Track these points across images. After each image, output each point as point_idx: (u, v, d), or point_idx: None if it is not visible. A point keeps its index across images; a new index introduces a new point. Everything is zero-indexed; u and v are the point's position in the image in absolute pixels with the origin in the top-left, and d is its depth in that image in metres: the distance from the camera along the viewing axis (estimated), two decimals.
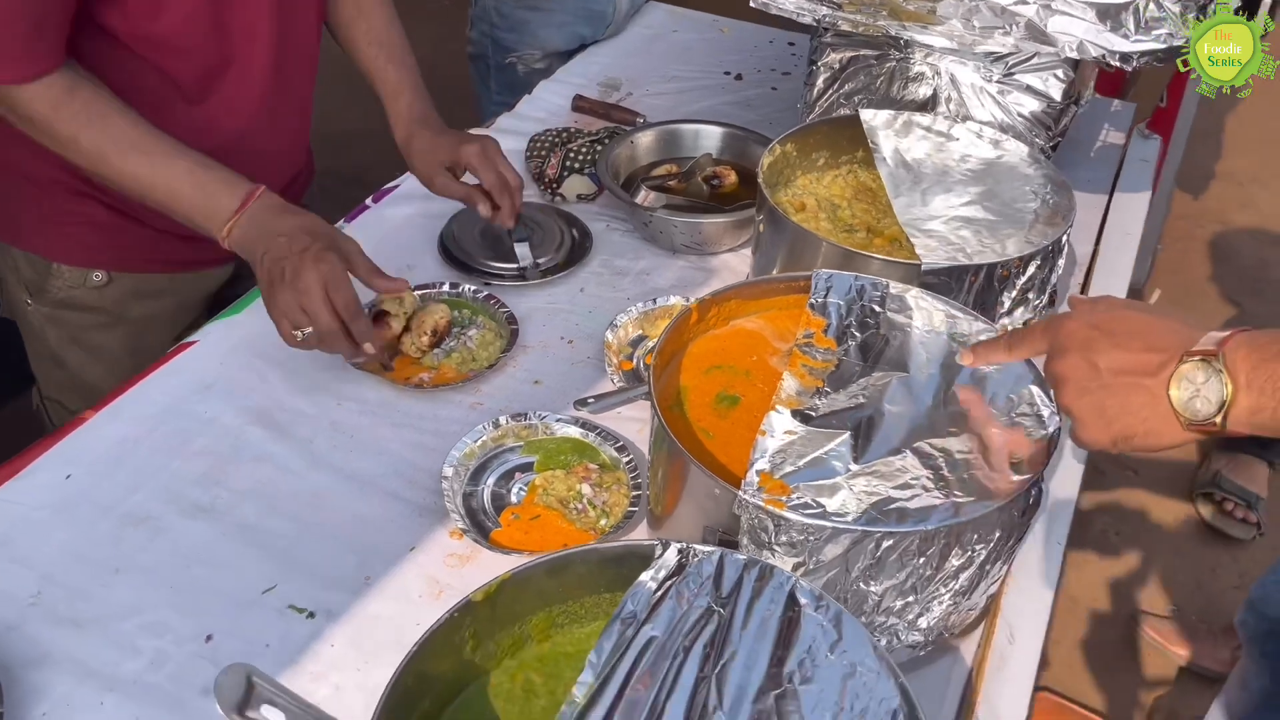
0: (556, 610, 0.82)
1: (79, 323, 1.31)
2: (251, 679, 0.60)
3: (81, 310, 1.30)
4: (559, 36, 1.94)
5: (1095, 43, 1.17)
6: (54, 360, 1.34)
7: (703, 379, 1.03)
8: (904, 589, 0.84)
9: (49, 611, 0.94)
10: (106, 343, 1.31)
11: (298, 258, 1.07)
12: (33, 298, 1.31)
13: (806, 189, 1.36)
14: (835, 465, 0.86)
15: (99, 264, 1.29)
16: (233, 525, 1.03)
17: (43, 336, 1.33)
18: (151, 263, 1.32)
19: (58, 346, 1.33)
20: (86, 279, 1.29)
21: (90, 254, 1.29)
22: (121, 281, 1.30)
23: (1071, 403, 0.78)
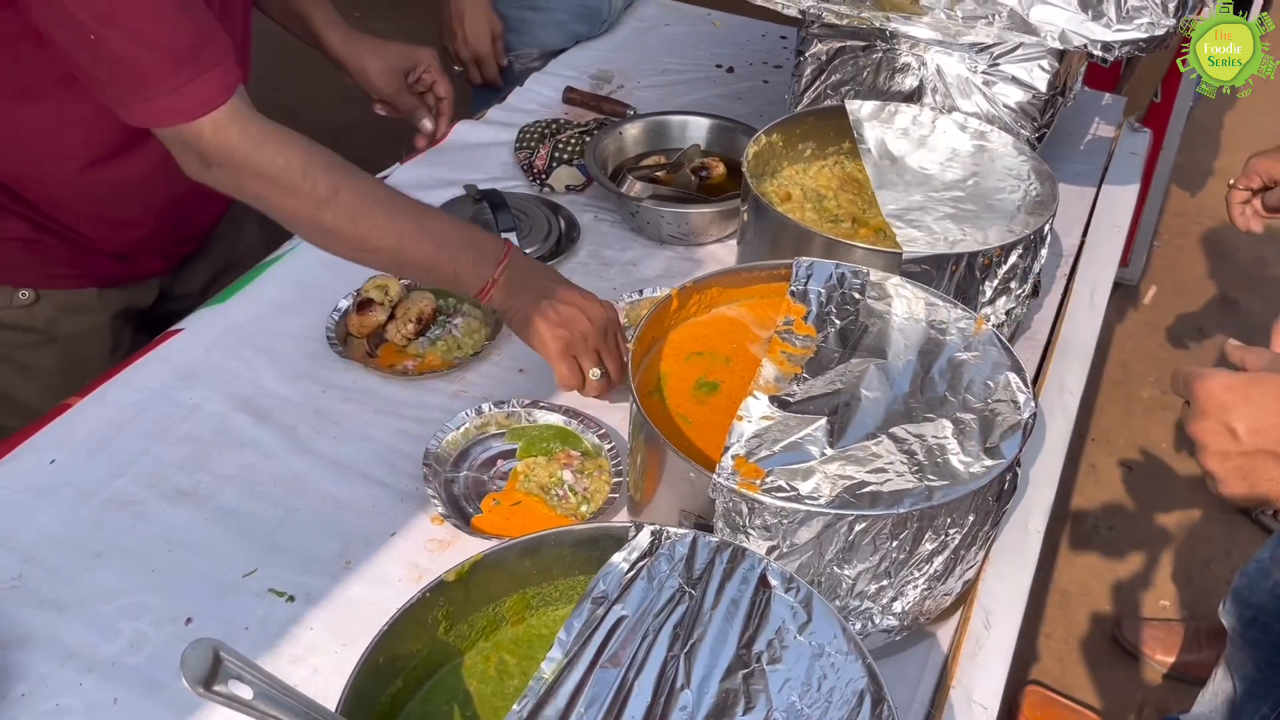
0: (530, 592, 0.82)
1: (8, 342, 1.26)
2: (219, 654, 0.61)
3: (10, 329, 1.25)
4: (557, 35, 1.94)
5: (1077, 32, 1.17)
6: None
7: (683, 366, 1.03)
8: (878, 572, 0.84)
9: (30, 593, 0.95)
10: (38, 361, 1.26)
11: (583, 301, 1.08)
12: None
13: (792, 179, 1.36)
14: (811, 450, 0.87)
15: (24, 282, 1.23)
16: (215, 510, 1.04)
17: None
18: (80, 279, 1.27)
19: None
20: (13, 298, 1.23)
21: (14, 272, 1.23)
22: (50, 299, 1.25)
23: (1215, 466, 0.78)
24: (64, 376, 1.25)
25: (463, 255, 1.07)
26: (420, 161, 1.58)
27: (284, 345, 1.23)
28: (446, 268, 1.07)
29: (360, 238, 1.04)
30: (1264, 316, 3.05)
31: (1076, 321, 1.30)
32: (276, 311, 1.28)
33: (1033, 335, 1.30)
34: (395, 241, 1.05)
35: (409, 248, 1.05)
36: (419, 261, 1.07)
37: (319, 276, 1.33)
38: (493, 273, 1.07)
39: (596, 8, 1.94)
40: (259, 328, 1.26)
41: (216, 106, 0.97)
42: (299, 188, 1.00)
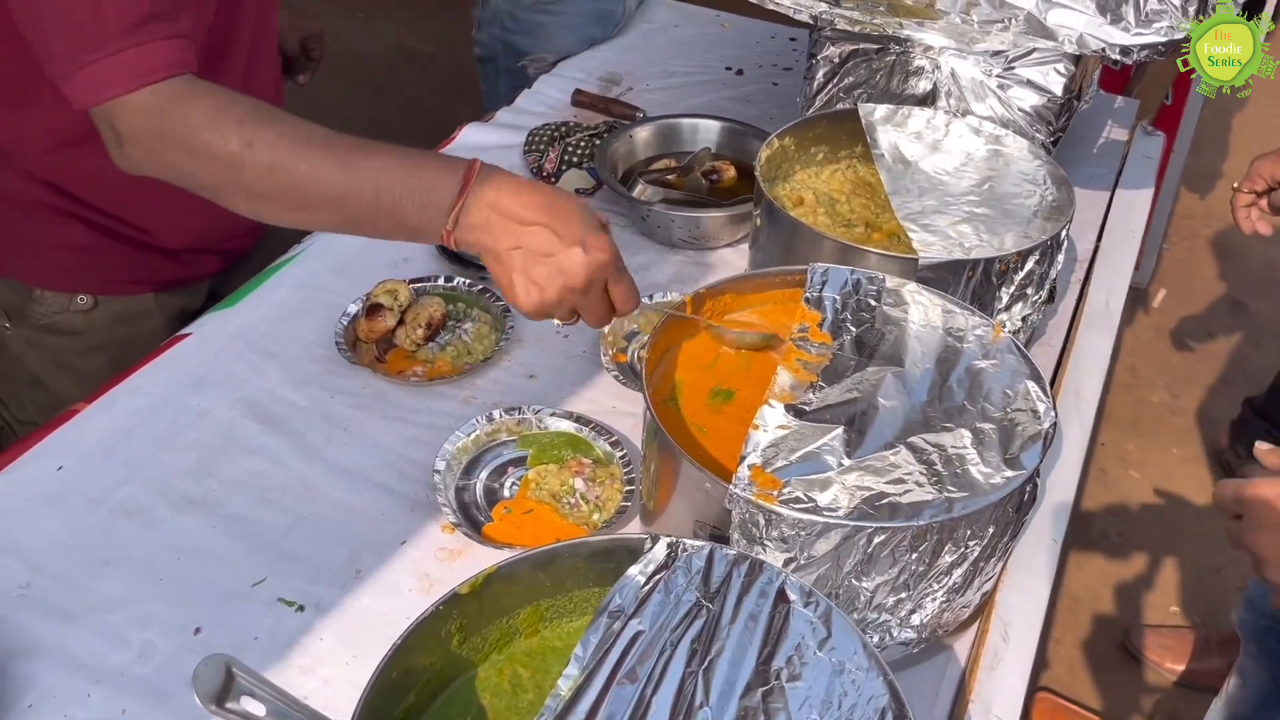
0: (544, 604, 0.81)
1: (63, 347, 1.26)
2: (231, 670, 0.60)
3: (66, 334, 1.25)
4: (572, 39, 1.92)
5: (1095, 36, 1.16)
6: (34, 383, 1.28)
7: (697, 374, 1.02)
8: (896, 585, 0.83)
9: (38, 602, 0.94)
10: (91, 365, 1.26)
11: (566, 250, 0.90)
12: (12, 322, 1.26)
13: (805, 183, 1.35)
14: (828, 460, 0.86)
15: (83, 288, 1.23)
16: (223, 518, 1.03)
17: (21, 360, 1.28)
18: (138, 284, 1.27)
19: (38, 370, 1.28)
20: (71, 303, 1.23)
21: (73, 278, 1.23)
22: (107, 305, 1.25)
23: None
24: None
25: (406, 201, 0.92)
26: None
27: (293, 350, 1.22)
28: (388, 219, 0.93)
29: (285, 193, 0.92)
30: (1273, 320, 3.03)
31: (1092, 328, 1.29)
32: (285, 316, 1.27)
33: (1047, 341, 1.29)
34: (326, 192, 0.92)
35: (344, 199, 0.92)
36: (360, 216, 0.93)
37: (328, 281, 1.33)
38: (445, 222, 0.92)
39: (610, 10, 1.93)
40: (267, 332, 1.25)
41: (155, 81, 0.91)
42: (210, 145, 0.90)
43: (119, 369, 1.26)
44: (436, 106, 3.26)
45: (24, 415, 1.33)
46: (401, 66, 3.72)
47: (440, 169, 0.93)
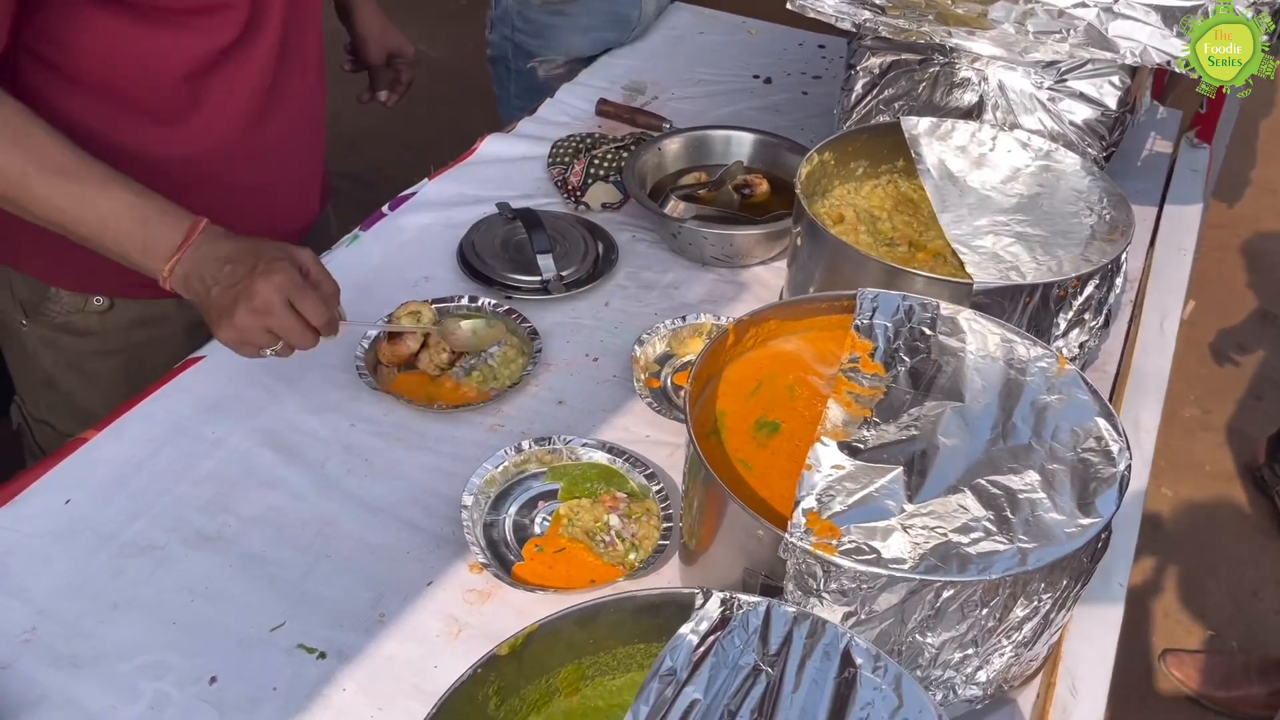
0: (586, 662, 0.76)
1: (77, 348, 1.24)
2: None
3: (81, 335, 1.23)
4: (583, 42, 1.87)
5: (1160, 48, 1.10)
6: (46, 383, 1.27)
7: (741, 404, 0.96)
8: (964, 641, 0.77)
9: (45, 649, 0.89)
10: (104, 368, 1.24)
11: (248, 278, 0.97)
12: (28, 319, 1.23)
13: (844, 199, 1.29)
14: (888, 504, 0.80)
15: (100, 289, 1.21)
16: (239, 556, 0.97)
17: (36, 358, 1.26)
18: (156, 289, 1.20)
19: (53, 369, 1.25)
20: (87, 304, 1.21)
21: (90, 279, 1.20)
22: (124, 308, 1.22)
23: None
24: (127, 385, 1.20)
25: (130, 244, 0.99)
26: (449, 177, 1.52)
27: (311, 375, 1.17)
28: (113, 251, 1.00)
29: (21, 208, 0.98)
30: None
31: (1148, 353, 1.23)
32: None
33: (1100, 367, 1.23)
34: (56, 217, 0.99)
35: (70, 225, 0.99)
36: (85, 238, 1.00)
37: (348, 302, 1.26)
38: (161, 268, 0.99)
39: (626, 15, 1.87)
40: None
41: None
42: None
43: (132, 374, 1.24)
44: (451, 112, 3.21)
45: (38, 414, 1.30)
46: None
47: (169, 225, 0.99)
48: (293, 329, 1.00)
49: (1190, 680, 2.02)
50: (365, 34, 1.48)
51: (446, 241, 1.37)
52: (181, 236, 0.99)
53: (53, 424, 1.29)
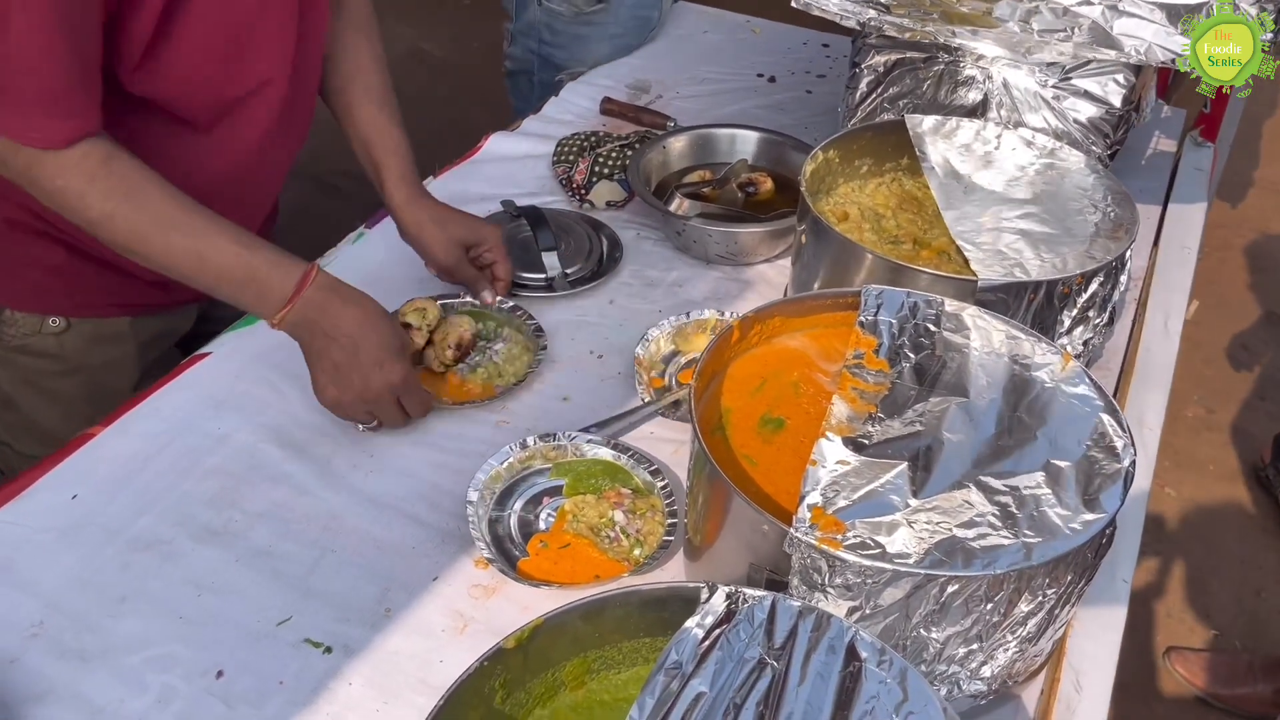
0: (592, 656, 0.76)
1: (35, 367, 1.21)
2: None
3: (37, 356, 1.20)
4: (610, 48, 1.87)
5: (1165, 46, 1.10)
6: (5, 403, 1.23)
7: (746, 400, 0.97)
8: (969, 636, 0.77)
9: (53, 643, 0.89)
10: (64, 388, 1.21)
11: (367, 369, 1.04)
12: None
13: (849, 197, 1.29)
14: (893, 499, 0.80)
15: (55, 310, 1.19)
16: (246, 551, 0.98)
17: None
18: (113, 307, 1.22)
19: (10, 389, 1.22)
20: (42, 325, 1.19)
21: (46, 300, 1.18)
22: (80, 328, 1.20)
23: None
24: (88, 404, 1.19)
25: (243, 297, 1.03)
26: (454, 175, 1.52)
27: None
28: (226, 299, 1.04)
29: (140, 258, 1.01)
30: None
31: (1152, 351, 1.23)
32: None
33: (1105, 365, 1.23)
34: (173, 270, 1.02)
35: (188, 277, 1.02)
36: (203, 289, 1.03)
37: None
38: (273, 319, 1.04)
39: (648, 16, 1.88)
40: (289, 353, 1.18)
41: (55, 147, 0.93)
42: (72, 209, 0.98)
43: (94, 392, 1.23)
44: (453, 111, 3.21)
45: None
46: (417, 70, 3.68)
47: (281, 275, 1.03)
48: (393, 418, 1.08)
49: (1195, 678, 2.02)
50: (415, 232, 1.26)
51: None
52: (293, 288, 1.03)
53: (11, 444, 1.26)
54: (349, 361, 1.04)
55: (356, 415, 1.07)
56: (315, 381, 1.06)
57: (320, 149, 1.50)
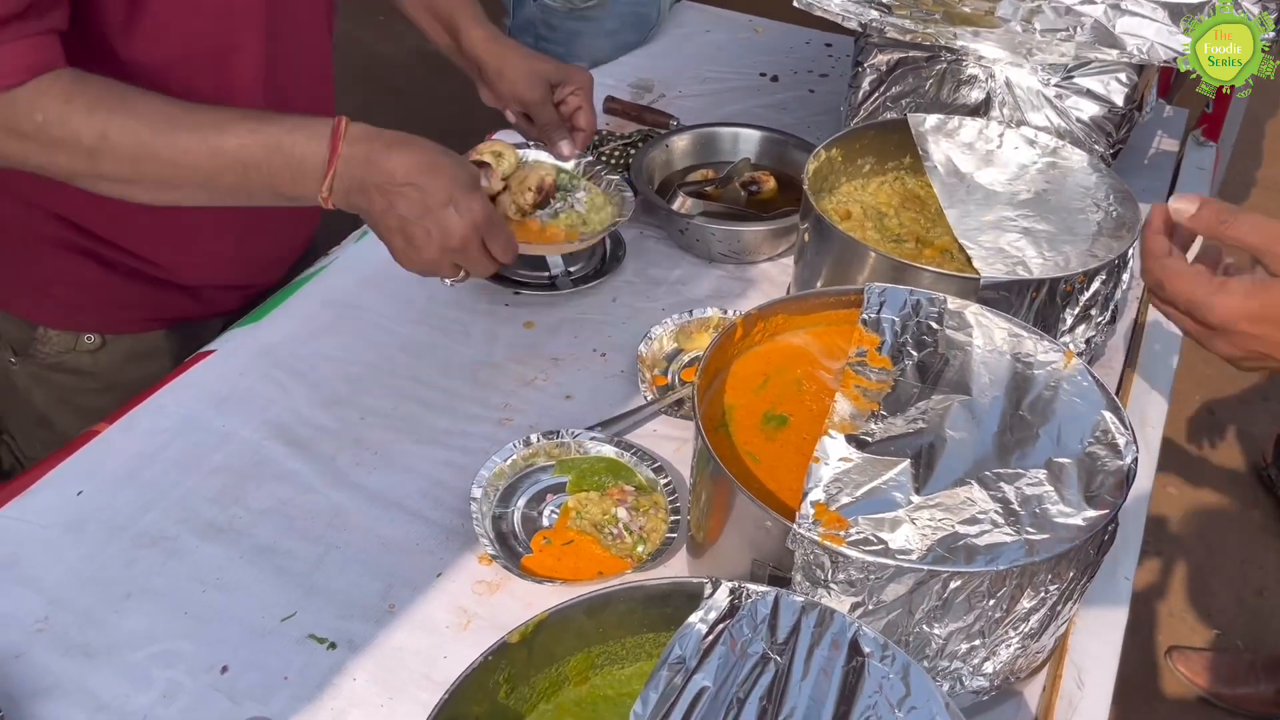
0: (596, 651, 0.76)
1: (70, 385, 1.20)
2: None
3: (72, 374, 1.19)
4: (608, 46, 1.87)
5: (1167, 45, 1.10)
6: (40, 421, 1.23)
7: (750, 398, 0.97)
8: (971, 632, 0.78)
9: (58, 638, 0.89)
10: (100, 405, 1.16)
11: (441, 213, 0.91)
12: (18, 357, 1.19)
13: (851, 196, 1.30)
14: (895, 496, 0.80)
15: (90, 327, 1.17)
16: (250, 547, 0.98)
17: (28, 397, 1.21)
18: (148, 321, 1.21)
19: (45, 407, 1.21)
20: (77, 343, 1.17)
21: (80, 317, 1.16)
22: (115, 345, 1.19)
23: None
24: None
25: (278, 177, 0.91)
26: None
27: (321, 369, 1.17)
28: (263, 191, 0.92)
29: (150, 178, 0.90)
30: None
31: (1154, 349, 1.23)
32: (312, 333, 1.22)
33: (1107, 363, 1.23)
34: (191, 174, 0.90)
35: (212, 177, 0.90)
36: (233, 189, 0.92)
37: (357, 295, 1.28)
38: (319, 189, 0.92)
39: (646, 14, 1.88)
40: (293, 350, 1.20)
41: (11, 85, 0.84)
42: (62, 141, 0.86)
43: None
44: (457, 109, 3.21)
45: (31, 453, 1.26)
46: (420, 68, 3.68)
47: (307, 138, 0.90)
48: (482, 265, 0.97)
49: (1197, 677, 2.02)
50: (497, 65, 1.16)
51: None
52: (326, 148, 0.90)
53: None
54: (418, 211, 0.91)
55: (444, 270, 0.97)
56: (392, 249, 0.95)
57: None
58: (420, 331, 1.24)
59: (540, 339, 1.24)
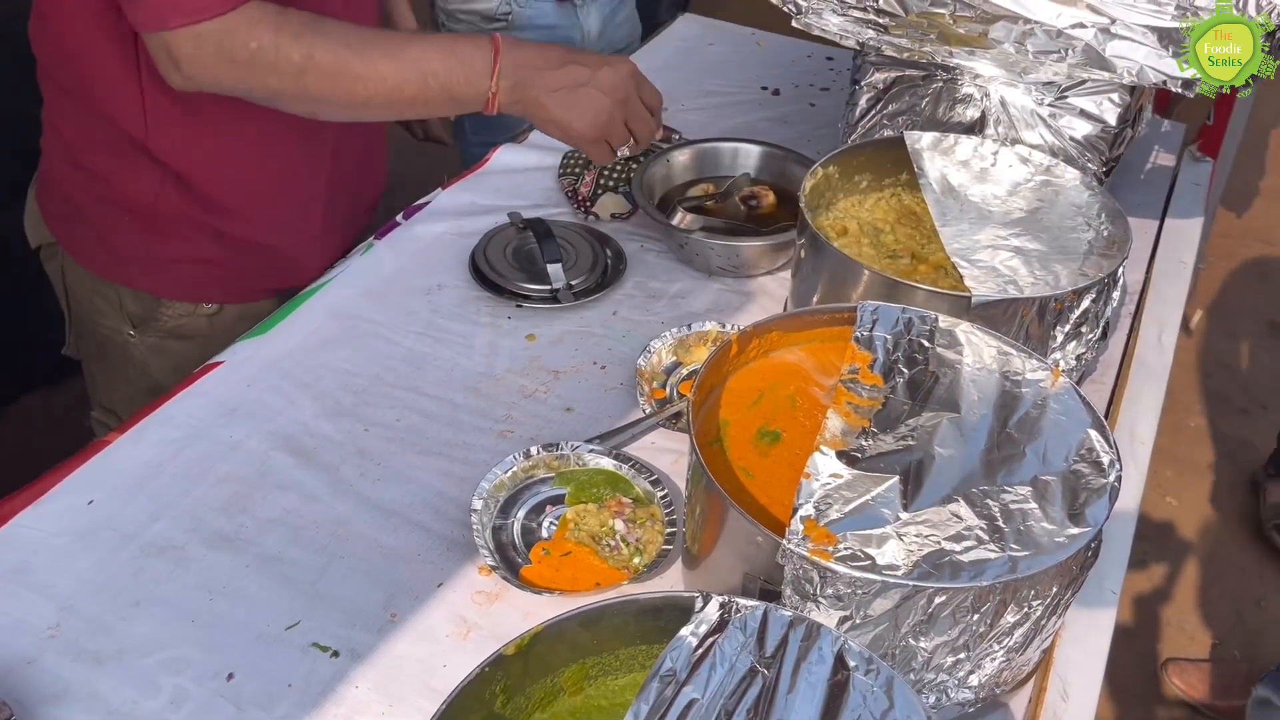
0: (590, 662, 0.78)
1: (185, 352, 1.29)
2: None
3: (189, 339, 1.29)
4: None
5: (1156, 68, 1.12)
6: (153, 390, 1.29)
7: (744, 414, 0.99)
8: (956, 646, 0.80)
9: (69, 645, 0.92)
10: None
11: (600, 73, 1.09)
12: (137, 330, 1.29)
13: (848, 212, 1.32)
14: (884, 513, 0.82)
15: (209, 298, 1.28)
16: (256, 556, 1.00)
17: (144, 367, 1.31)
18: (256, 292, 1.32)
19: (160, 376, 1.31)
20: (197, 309, 1.28)
21: (200, 290, 1.28)
22: (229, 310, 1.30)
23: None
24: None
25: (453, 78, 1.07)
26: (462, 187, 1.55)
27: (326, 380, 1.20)
28: (439, 96, 1.08)
29: (345, 94, 1.05)
30: None
31: (1145, 364, 1.25)
32: (317, 345, 1.25)
33: (1098, 379, 1.25)
34: (380, 87, 1.05)
35: (396, 89, 1.06)
36: (412, 99, 1.08)
37: (361, 308, 1.30)
38: (489, 85, 1.08)
39: (568, 38, 1.89)
40: (299, 361, 1.23)
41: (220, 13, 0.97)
42: (275, 64, 1.01)
43: None
44: None
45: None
46: None
47: (472, 46, 1.08)
48: (645, 118, 1.14)
49: (1192, 691, 2.04)
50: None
51: (458, 250, 1.40)
52: (490, 50, 1.07)
53: None
54: (583, 78, 1.09)
55: (616, 130, 1.13)
56: (569, 128, 1.11)
57: None
58: (423, 343, 1.26)
59: (541, 351, 1.27)
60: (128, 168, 1.19)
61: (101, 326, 1.31)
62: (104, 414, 1.40)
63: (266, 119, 1.15)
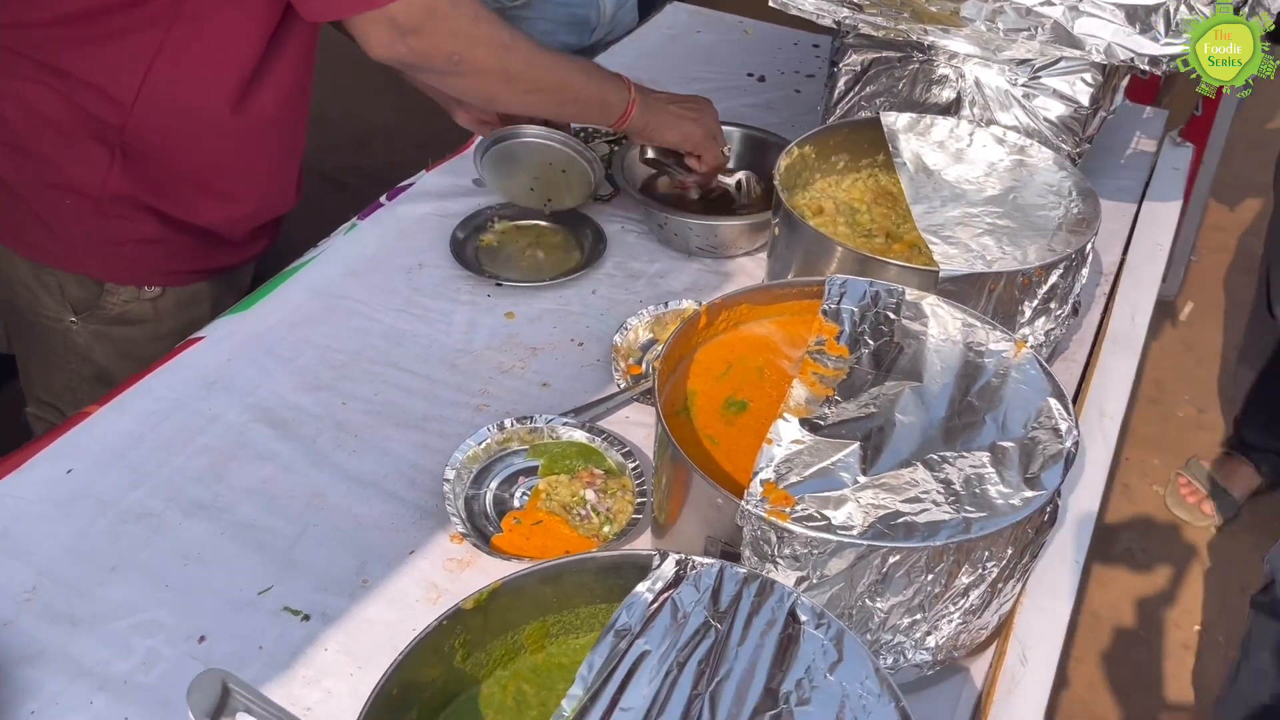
0: (551, 620, 0.80)
1: (129, 336, 1.31)
2: (227, 685, 0.59)
3: (134, 324, 1.30)
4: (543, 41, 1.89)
5: (1124, 45, 1.13)
6: (99, 377, 1.31)
7: (712, 384, 1.00)
8: (911, 606, 0.81)
9: (45, 608, 0.93)
10: (155, 351, 1.27)
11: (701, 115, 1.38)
12: (79, 317, 1.29)
13: (825, 192, 1.33)
14: (843, 476, 0.84)
15: (151, 280, 1.29)
16: (232, 524, 1.02)
17: (88, 354, 1.31)
18: (196, 274, 1.33)
19: (106, 362, 1.31)
20: (140, 293, 1.29)
21: (142, 271, 1.28)
22: (172, 293, 1.31)
23: None
24: None
25: (606, 84, 1.26)
26: (446, 169, 1.56)
27: (306, 355, 1.21)
28: (596, 97, 1.26)
29: (535, 78, 1.19)
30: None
31: (1117, 343, 1.26)
32: (298, 321, 1.26)
33: (1070, 356, 1.26)
34: (560, 77, 1.22)
35: (569, 81, 1.23)
36: (578, 94, 1.24)
37: (342, 287, 1.32)
38: (629, 94, 1.28)
39: (585, 16, 1.90)
40: (280, 336, 1.24)
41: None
42: (489, 36, 1.14)
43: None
44: None
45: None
46: None
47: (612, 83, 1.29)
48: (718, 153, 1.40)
49: None
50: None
51: (441, 230, 1.41)
52: (627, 92, 1.29)
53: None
54: (687, 104, 1.37)
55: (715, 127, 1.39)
56: (687, 132, 1.35)
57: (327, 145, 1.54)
58: (403, 320, 1.28)
59: (520, 329, 1.28)
60: (77, 149, 1.19)
61: (41, 317, 1.30)
62: (40, 408, 1.38)
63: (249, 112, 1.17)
